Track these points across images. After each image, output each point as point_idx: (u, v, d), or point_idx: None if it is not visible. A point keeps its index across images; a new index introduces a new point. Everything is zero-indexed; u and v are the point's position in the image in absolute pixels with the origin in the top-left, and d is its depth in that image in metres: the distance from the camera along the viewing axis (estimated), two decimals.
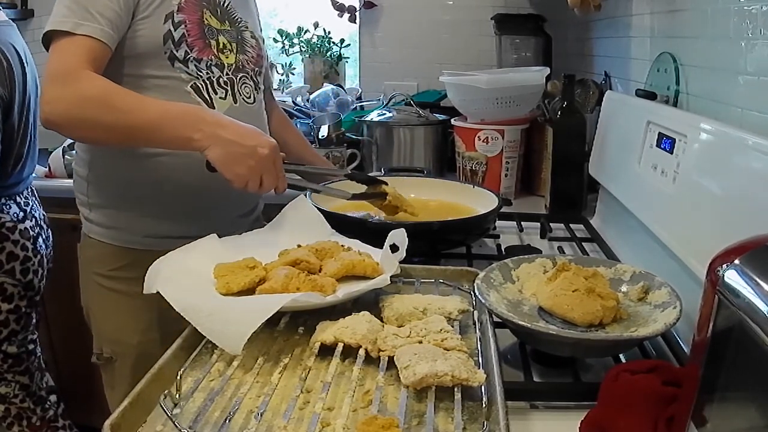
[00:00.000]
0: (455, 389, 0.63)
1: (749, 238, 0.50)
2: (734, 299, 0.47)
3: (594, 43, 1.79)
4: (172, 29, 1.08)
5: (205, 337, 0.70)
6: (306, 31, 2.43)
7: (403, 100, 1.94)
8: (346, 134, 1.89)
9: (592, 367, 0.80)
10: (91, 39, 0.99)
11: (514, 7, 2.15)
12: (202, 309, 0.72)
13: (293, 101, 2.15)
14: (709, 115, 0.96)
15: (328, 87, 2.19)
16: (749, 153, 0.75)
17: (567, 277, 0.82)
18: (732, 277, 0.48)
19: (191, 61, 1.11)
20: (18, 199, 1.59)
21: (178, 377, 0.64)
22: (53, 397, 1.75)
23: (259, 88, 1.26)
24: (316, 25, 2.41)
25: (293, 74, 2.51)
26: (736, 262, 0.48)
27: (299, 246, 0.94)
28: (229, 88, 1.17)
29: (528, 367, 0.77)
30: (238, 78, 1.19)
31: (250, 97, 1.22)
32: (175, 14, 1.09)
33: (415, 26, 2.32)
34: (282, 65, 2.49)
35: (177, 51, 1.09)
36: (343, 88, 2.23)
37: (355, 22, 2.38)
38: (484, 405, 0.61)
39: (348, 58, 2.43)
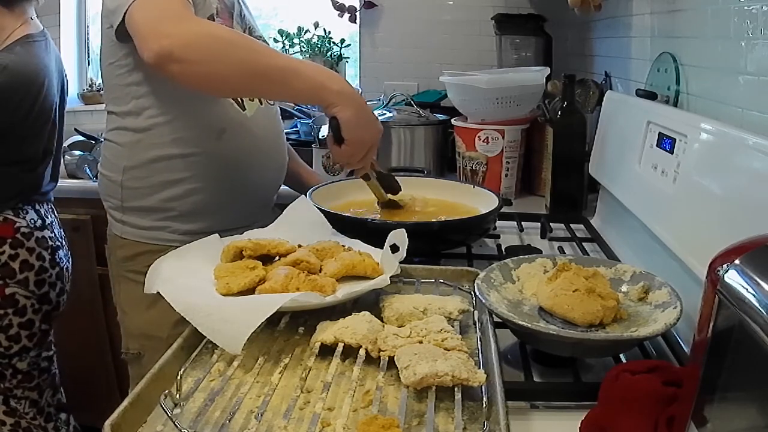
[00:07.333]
0: (455, 389, 0.63)
1: (749, 238, 0.50)
2: (734, 299, 0.47)
3: (594, 43, 1.79)
4: None
5: (205, 337, 0.70)
6: (306, 31, 2.42)
7: (403, 100, 1.93)
8: None
9: (592, 367, 0.80)
10: None
11: (514, 7, 2.15)
12: (202, 309, 0.72)
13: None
14: (709, 115, 0.96)
15: None
16: (749, 153, 0.75)
17: (567, 277, 0.81)
18: (732, 277, 0.48)
19: None
20: (37, 207, 1.52)
21: (179, 377, 0.64)
22: (63, 415, 1.69)
23: None
24: (316, 25, 2.41)
25: None
26: (736, 262, 0.48)
27: (300, 246, 0.94)
28: None
29: (528, 367, 0.77)
30: None
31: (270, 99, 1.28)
32: (215, 17, 1.11)
33: (415, 26, 2.32)
34: None
35: None
36: None
37: (355, 22, 2.38)
38: (484, 405, 0.61)
39: (348, 58, 2.43)
